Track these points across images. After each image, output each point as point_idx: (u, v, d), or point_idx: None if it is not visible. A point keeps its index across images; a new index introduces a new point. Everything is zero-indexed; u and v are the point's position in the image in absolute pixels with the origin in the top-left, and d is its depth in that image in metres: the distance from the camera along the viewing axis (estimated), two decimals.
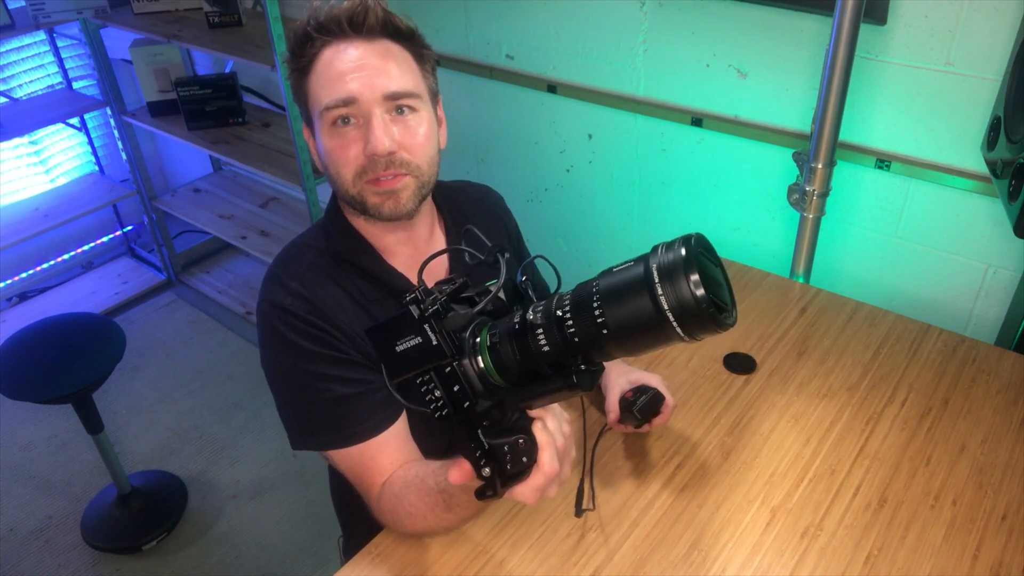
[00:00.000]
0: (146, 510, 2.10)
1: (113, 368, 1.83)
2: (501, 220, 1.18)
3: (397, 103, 0.91)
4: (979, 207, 1.42)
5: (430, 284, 0.82)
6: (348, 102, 0.89)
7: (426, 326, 0.64)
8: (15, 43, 2.73)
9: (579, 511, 0.99)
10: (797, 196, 1.56)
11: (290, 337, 0.93)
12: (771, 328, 1.36)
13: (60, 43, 2.79)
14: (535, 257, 0.75)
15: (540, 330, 0.62)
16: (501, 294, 0.69)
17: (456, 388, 0.65)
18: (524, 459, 0.67)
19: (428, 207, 1.03)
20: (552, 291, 0.69)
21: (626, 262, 0.59)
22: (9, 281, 2.98)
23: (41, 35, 2.73)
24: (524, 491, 0.68)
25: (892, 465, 1.07)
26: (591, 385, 0.62)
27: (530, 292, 0.69)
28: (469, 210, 1.13)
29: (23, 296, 3.02)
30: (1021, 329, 1.37)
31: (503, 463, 0.67)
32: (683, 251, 0.54)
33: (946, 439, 1.11)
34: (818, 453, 1.10)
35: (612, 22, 1.76)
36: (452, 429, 0.67)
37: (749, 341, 1.33)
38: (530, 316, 0.63)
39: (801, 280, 1.63)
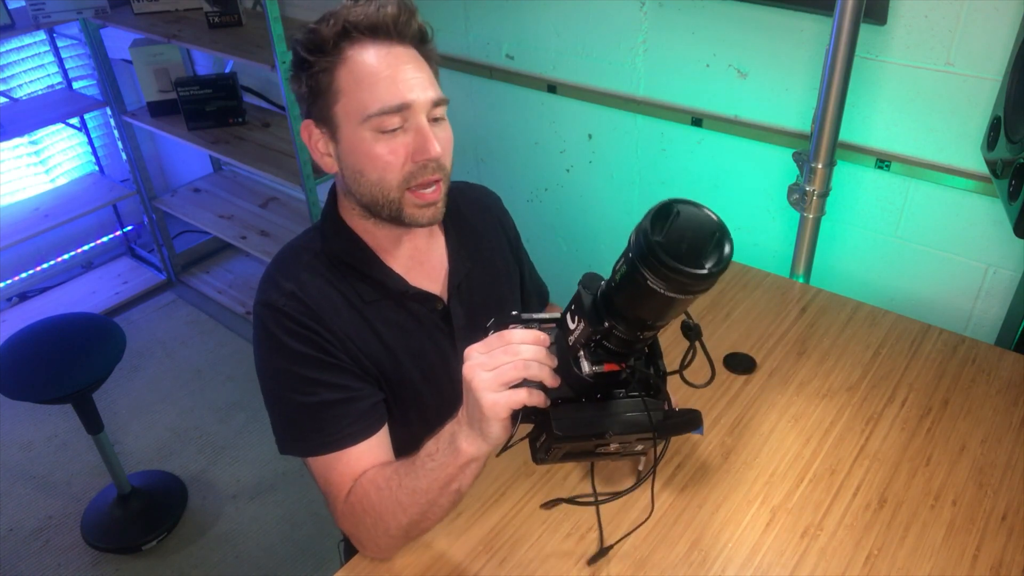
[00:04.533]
0: (146, 510, 2.10)
1: (113, 368, 1.83)
2: (499, 220, 1.18)
3: (435, 111, 0.92)
4: (979, 207, 1.42)
5: (427, 283, 0.86)
6: (403, 108, 0.89)
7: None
8: (15, 43, 2.73)
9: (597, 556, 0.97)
10: (797, 196, 1.56)
11: (281, 338, 0.93)
12: (771, 328, 1.36)
13: (60, 43, 2.79)
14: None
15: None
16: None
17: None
18: (516, 327, 0.76)
19: None
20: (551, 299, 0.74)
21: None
22: (9, 281, 2.98)
23: (41, 35, 2.73)
24: (477, 343, 0.75)
25: (892, 465, 1.07)
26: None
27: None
28: (467, 210, 1.13)
29: (23, 296, 3.02)
30: (1021, 329, 1.37)
31: (520, 320, 0.77)
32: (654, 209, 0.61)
33: (946, 439, 1.11)
34: (818, 453, 1.10)
35: (612, 22, 1.76)
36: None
37: (749, 341, 1.33)
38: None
39: (801, 280, 1.63)
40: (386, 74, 0.89)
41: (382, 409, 0.99)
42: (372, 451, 0.95)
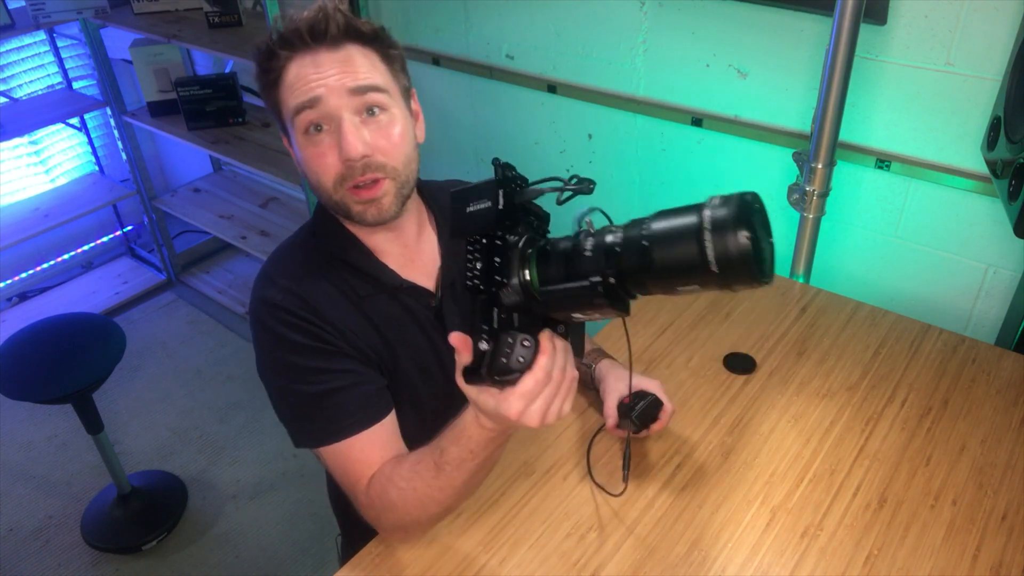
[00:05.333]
0: (146, 510, 2.10)
1: (113, 368, 1.83)
2: None
3: (365, 101, 0.90)
4: (979, 207, 1.42)
5: (419, 279, 0.83)
6: (314, 103, 0.89)
7: (500, 191, 0.69)
8: (15, 43, 2.73)
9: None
10: (797, 196, 1.56)
11: (280, 331, 0.93)
12: (771, 328, 1.36)
13: (60, 43, 2.79)
14: (592, 209, 0.75)
15: (589, 251, 0.65)
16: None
17: (497, 261, 0.69)
18: (520, 359, 0.68)
19: (415, 205, 1.03)
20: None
21: (681, 208, 0.61)
22: (9, 281, 2.98)
23: (41, 35, 2.73)
24: (511, 398, 0.69)
25: (892, 465, 1.07)
26: (619, 305, 0.64)
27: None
28: None
29: (23, 296, 3.02)
30: (1021, 329, 1.37)
31: (499, 351, 0.68)
32: (737, 206, 0.57)
33: (946, 439, 1.11)
34: (818, 453, 1.10)
35: (612, 22, 1.76)
36: (473, 301, 0.70)
37: (749, 341, 1.33)
38: (583, 242, 0.66)
39: (801, 280, 1.63)
40: (304, 77, 0.90)
41: (388, 395, 0.99)
42: (384, 436, 0.95)
